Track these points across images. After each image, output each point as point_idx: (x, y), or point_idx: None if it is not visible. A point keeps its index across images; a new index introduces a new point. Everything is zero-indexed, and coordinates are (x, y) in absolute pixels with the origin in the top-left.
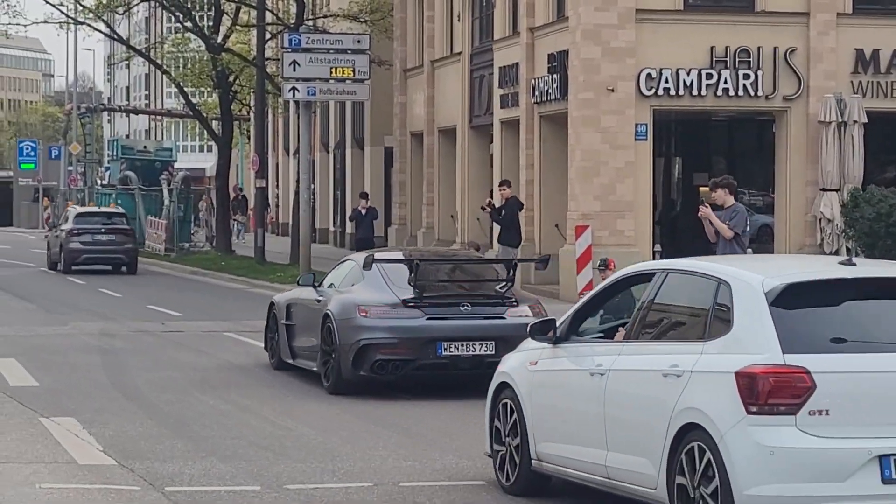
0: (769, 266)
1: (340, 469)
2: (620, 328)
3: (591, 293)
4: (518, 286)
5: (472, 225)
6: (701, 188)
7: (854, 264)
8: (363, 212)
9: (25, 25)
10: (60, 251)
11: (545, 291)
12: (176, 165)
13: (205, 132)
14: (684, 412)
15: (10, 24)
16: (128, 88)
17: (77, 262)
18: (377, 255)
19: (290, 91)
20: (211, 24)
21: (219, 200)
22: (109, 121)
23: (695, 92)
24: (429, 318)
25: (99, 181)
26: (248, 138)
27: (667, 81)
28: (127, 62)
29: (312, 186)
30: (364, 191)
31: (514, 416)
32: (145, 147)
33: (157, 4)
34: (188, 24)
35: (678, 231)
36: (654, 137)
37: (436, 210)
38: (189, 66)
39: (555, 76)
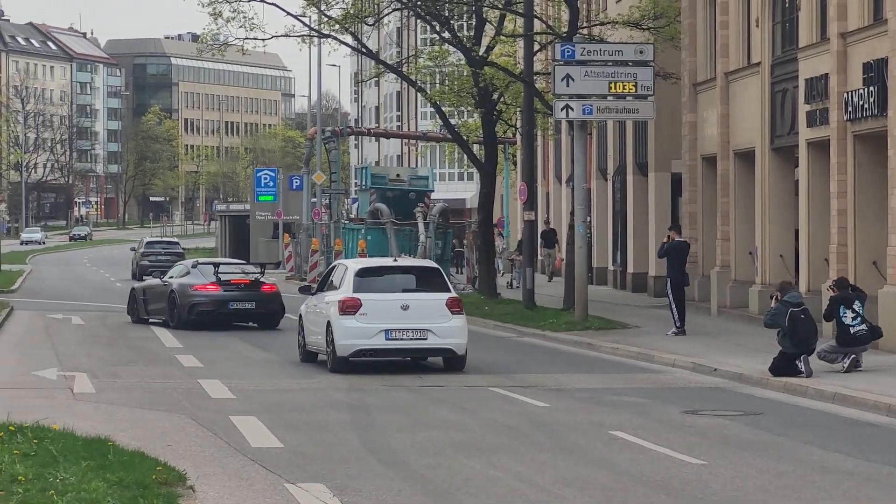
0: (364, 261)
1: None
2: None
3: (325, 273)
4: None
5: (775, 263)
6: None
7: (396, 261)
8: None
9: (264, 40)
10: (136, 266)
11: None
12: (433, 196)
13: (465, 158)
14: (327, 316)
15: (246, 38)
16: (377, 109)
17: (146, 273)
18: (200, 260)
19: (562, 110)
20: (471, 34)
21: (482, 235)
22: (357, 146)
23: None
24: (224, 291)
25: (345, 214)
26: (514, 164)
27: None
28: (376, 79)
29: (588, 219)
30: (676, 223)
31: (301, 329)
32: (398, 175)
33: (411, 13)
34: (446, 34)
35: None
36: None
37: (731, 246)
38: (447, 82)
39: (871, 88)
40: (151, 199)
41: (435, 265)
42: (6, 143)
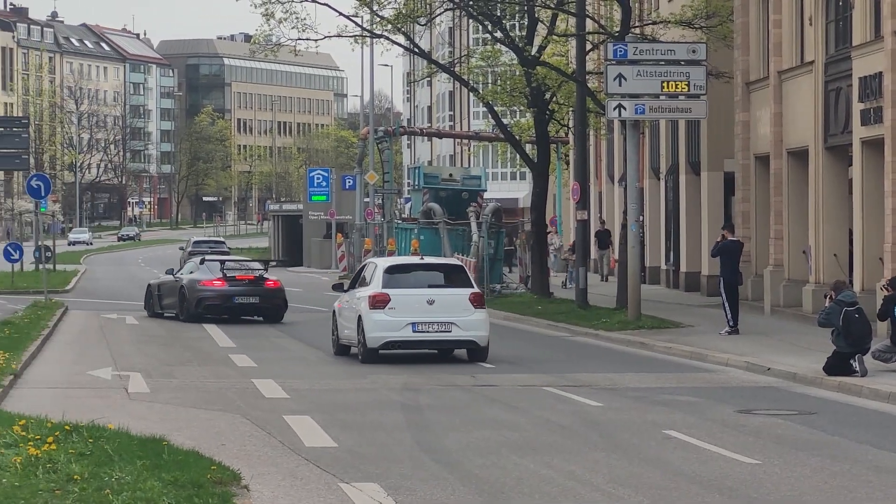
0: (393, 259)
1: None
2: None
3: (357, 272)
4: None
5: (828, 262)
6: None
7: (423, 259)
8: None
9: (316, 41)
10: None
11: None
12: (486, 195)
13: (517, 157)
14: (358, 310)
15: (299, 38)
16: (429, 108)
17: None
18: (207, 258)
19: (615, 109)
20: (524, 34)
21: (535, 235)
22: (409, 146)
23: None
24: (230, 286)
25: (398, 214)
26: (567, 164)
27: None
28: (429, 79)
29: (641, 219)
30: (729, 222)
31: (335, 324)
32: (451, 175)
33: (463, 13)
34: (498, 34)
35: None
36: None
37: (785, 245)
38: (499, 82)
39: None
40: (204, 199)
41: (459, 263)
42: (60, 143)
